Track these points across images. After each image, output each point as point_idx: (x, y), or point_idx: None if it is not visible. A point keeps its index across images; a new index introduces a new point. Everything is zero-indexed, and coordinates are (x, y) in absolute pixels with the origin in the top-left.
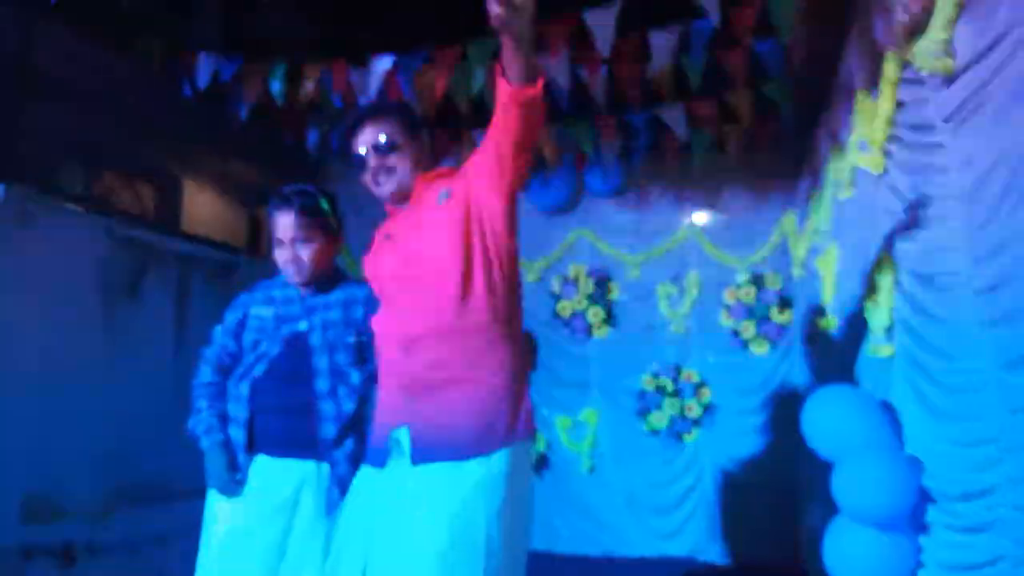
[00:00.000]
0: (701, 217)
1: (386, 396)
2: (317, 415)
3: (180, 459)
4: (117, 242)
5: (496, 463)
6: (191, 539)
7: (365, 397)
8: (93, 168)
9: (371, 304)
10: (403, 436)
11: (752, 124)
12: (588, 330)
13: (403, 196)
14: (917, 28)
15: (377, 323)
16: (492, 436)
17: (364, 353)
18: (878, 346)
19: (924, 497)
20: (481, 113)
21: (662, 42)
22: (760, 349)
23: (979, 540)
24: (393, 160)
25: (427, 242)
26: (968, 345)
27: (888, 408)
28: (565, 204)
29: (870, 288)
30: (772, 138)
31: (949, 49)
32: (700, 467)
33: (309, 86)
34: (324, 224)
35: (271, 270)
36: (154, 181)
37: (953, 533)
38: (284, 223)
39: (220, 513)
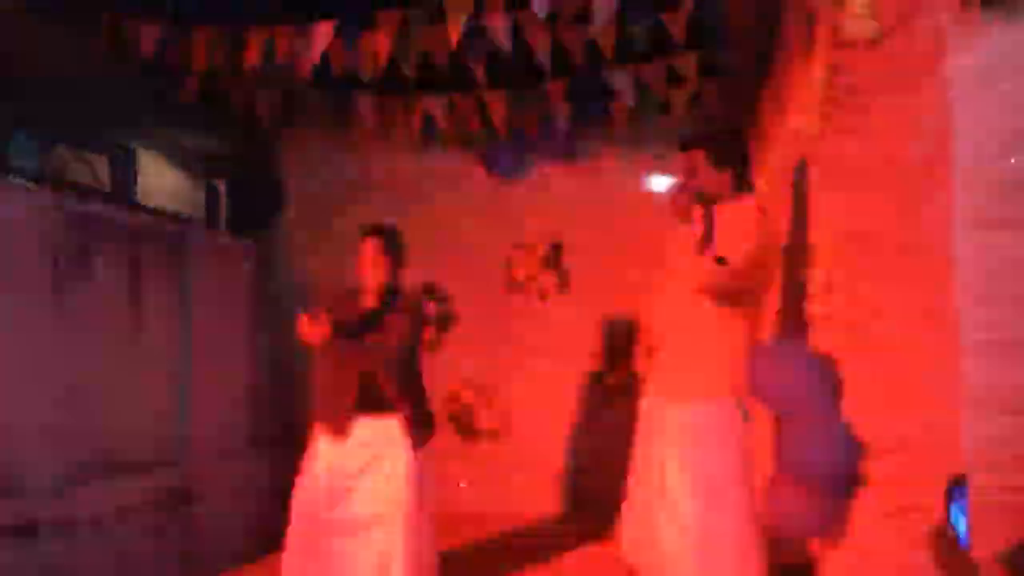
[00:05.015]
0: (652, 180)
1: None
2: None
3: (139, 432)
4: (68, 216)
5: None
6: (153, 512)
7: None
8: (44, 142)
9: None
10: None
11: (698, 86)
12: (543, 294)
13: None
14: None
15: None
16: None
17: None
18: (817, 305)
19: (859, 451)
20: (428, 77)
21: (602, 2)
22: None
23: (895, 491)
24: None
25: None
26: (895, 303)
27: (831, 363)
28: (517, 171)
29: (810, 249)
30: (719, 99)
31: (875, 12)
32: None
33: (254, 54)
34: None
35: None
36: (107, 154)
37: (878, 485)
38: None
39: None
